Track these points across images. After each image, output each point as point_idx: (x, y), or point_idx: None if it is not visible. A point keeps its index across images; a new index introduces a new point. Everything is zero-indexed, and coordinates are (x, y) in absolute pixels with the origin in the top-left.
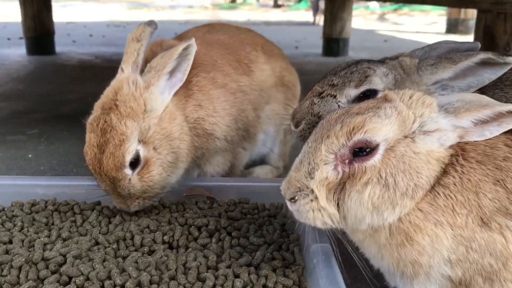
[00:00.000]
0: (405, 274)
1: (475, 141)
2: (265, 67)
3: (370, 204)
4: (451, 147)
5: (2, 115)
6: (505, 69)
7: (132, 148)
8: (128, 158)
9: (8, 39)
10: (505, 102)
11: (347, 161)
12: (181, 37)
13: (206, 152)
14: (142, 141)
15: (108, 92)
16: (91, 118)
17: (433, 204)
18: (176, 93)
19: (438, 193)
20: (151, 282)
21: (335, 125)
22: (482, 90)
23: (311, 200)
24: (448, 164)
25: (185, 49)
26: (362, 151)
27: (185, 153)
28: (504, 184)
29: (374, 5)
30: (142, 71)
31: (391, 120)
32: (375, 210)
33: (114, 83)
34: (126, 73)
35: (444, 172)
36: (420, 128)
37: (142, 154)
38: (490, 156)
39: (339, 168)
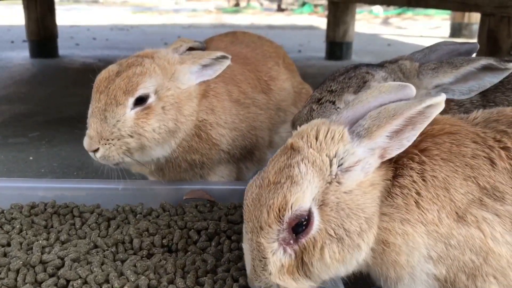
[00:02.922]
0: (389, 277)
1: (438, 140)
2: (285, 85)
3: (336, 262)
4: (391, 161)
5: (4, 117)
6: (507, 73)
7: (149, 85)
8: (141, 90)
9: (12, 42)
10: (507, 105)
11: (291, 241)
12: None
13: (208, 162)
14: (157, 94)
15: (147, 49)
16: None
17: (393, 204)
18: (198, 87)
19: (396, 194)
20: (149, 286)
21: (261, 210)
22: (483, 93)
23: None
24: (400, 167)
25: (223, 56)
26: (301, 224)
27: (182, 134)
28: (476, 181)
29: (378, 9)
30: None
31: (308, 178)
32: (342, 263)
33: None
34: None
35: (397, 174)
36: (341, 167)
37: (149, 101)
38: (458, 154)
39: (289, 250)
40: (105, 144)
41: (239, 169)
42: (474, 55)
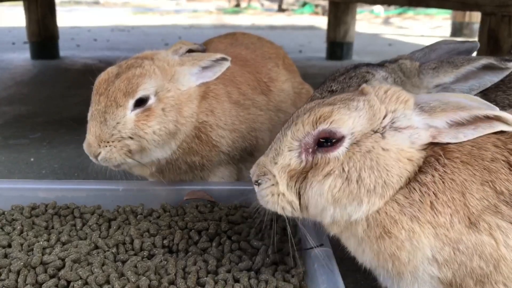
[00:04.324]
0: (388, 271)
1: (460, 142)
2: (284, 87)
3: (330, 196)
4: (426, 148)
5: (6, 119)
6: (507, 72)
7: (149, 86)
8: (140, 92)
9: (13, 43)
10: (508, 104)
11: (310, 150)
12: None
13: (208, 163)
14: (157, 95)
15: (147, 51)
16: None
17: (408, 198)
18: (198, 88)
19: (414, 188)
20: (150, 287)
21: (305, 113)
22: (484, 92)
23: (272, 185)
24: (426, 164)
25: (223, 58)
26: (327, 141)
27: (182, 136)
28: (493, 185)
29: (379, 9)
30: None
31: (360, 113)
32: (335, 203)
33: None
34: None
35: (421, 170)
36: (392, 123)
37: (149, 103)
38: (477, 157)
39: (303, 156)
40: (106, 146)
41: (239, 169)
42: (474, 53)
